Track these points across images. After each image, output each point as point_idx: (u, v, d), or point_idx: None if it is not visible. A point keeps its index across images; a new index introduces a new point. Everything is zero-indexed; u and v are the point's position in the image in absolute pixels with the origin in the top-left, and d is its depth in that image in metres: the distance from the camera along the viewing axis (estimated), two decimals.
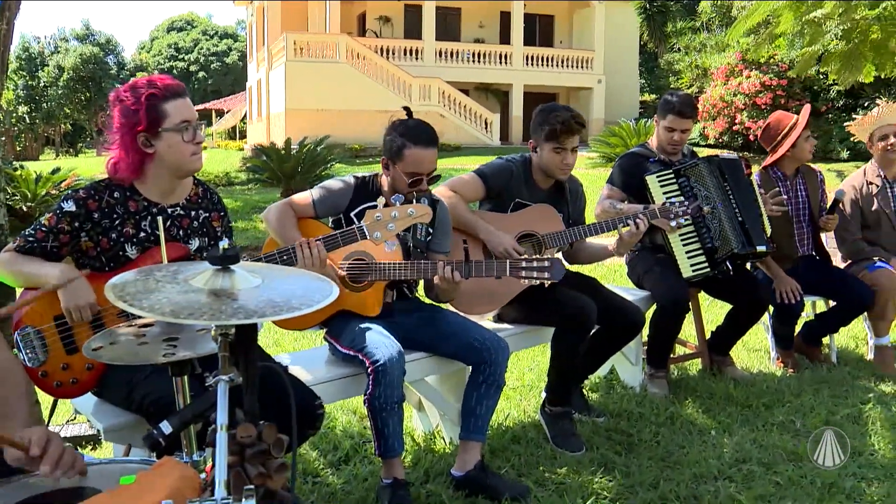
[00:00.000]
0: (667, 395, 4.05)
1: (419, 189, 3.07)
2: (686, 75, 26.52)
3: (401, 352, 2.86)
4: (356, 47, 25.53)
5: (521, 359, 4.75)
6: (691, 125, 4.28)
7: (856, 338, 5.32)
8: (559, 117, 3.52)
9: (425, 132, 3.08)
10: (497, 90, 29.17)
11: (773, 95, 19.54)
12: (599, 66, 29.17)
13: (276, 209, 3.13)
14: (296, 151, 15.68)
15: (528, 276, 2.96)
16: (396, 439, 2.91)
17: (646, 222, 3.52)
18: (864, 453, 3.39)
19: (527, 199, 3.64)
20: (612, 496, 3.01)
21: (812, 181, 4.74)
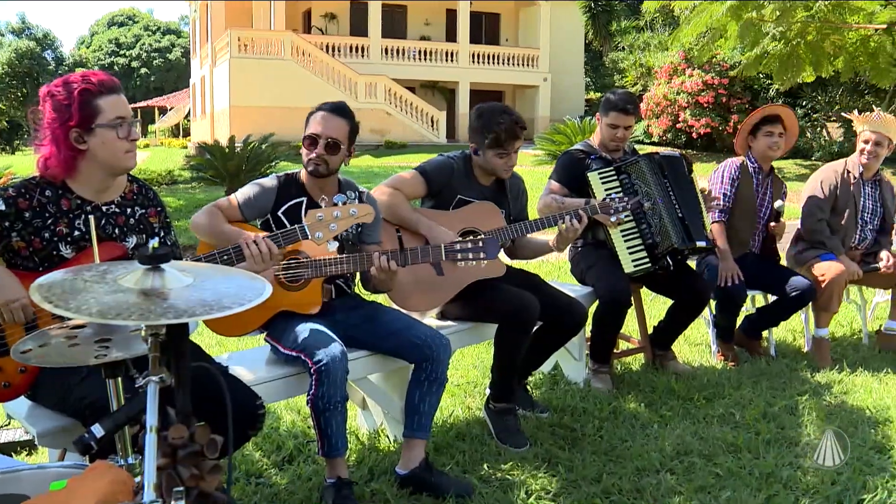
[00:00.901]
0: (610, 390, 4.09)
1: (316, 155, 3.05)
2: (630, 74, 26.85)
3: (343, 351, 2.84)
4: (301, 44, 25.33)
5: (465, 356, 4.75)
6: (633, 122, 4.34)
7: (793, 331, 5.44)
8: (503, 124, 3.52)
9: (330, 102, 3.14)
10: (443, 88, 29.21)
11: (714, 94, 19.88)
12: (545, 64, 29.38)
13: (205, 213, 3.07)
14: (240, 149, 15.48)
15: (465, 258, 2.96)
16: (340, 439, 2.89)
17: (584, 218, 3.55)
18: (801, 443, 3.46)
19: (468, 195, 3.65)
20: (555, 491, 3.03)
21: (777, 189, 4.84)
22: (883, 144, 4.81)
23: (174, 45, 55.01)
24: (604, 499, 2.97)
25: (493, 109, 3.62)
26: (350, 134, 3.12)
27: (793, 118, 4.74)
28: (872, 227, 4.93)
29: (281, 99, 23.87)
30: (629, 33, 29.07)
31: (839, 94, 18.94)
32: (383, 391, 3.45)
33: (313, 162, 3.08)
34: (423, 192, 3.63)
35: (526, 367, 3.82)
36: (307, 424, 3.69)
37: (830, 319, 4.77)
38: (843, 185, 4.86)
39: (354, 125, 3.14)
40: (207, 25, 29.28)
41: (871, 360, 4.79)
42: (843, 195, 4.85)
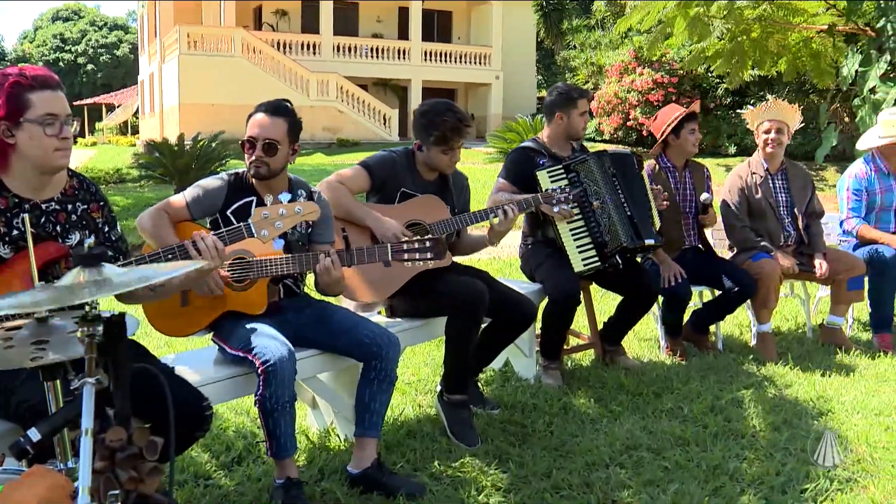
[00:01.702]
0: (560, 386, 4.11)
1: (256, 158, 3.03)
2: (581, 72, 27.05)
3: (291, 350, 2.82)
4: (252, 41, 25.08)
5: (416, 353, 4.75)
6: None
7: (740, 325, 5.53)
8: (448, 122, 3.55)
9: (273, 102, 3.11)
10: (396, 85, 29.16)
11: (664, 92, 20.12)
12: (497, 62, 29.48)
13: (149, 214, 3.03)
14: (190, 147, 15.30)
15: (412, 258, 2.95)
16: (289, 439, 2.87)
17: (513, 212, 3.57)
18: (747, 435, 3.53)
19: (412, 188, 3.66)
20: (506, 487, 3.04)
21: (699, 176, 4.91)
22: (783, 131, 4.90)
23: (122, 41, 54.03)
24: (554, 494, 2.99)
25: (437, 107, 3.63)
26: (290, 132, 3.08)
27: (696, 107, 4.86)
28: (791, 220, 5.00)
29: (231, 96, 23.59)
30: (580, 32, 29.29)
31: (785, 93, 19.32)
32: (333, 390, 3.43)
33: (254, 165, 3.06)
34: (367, 185, 3.63)
35: (476, 363, 3.83)
36: (256, 425, 3.65)
37: (770, 315, 4.86)
38: (751, 188, 4.94)
39: (295, 122, 3.11)
40: (156, 21, 28.86)
41: (815, 353, 4.89)
42: (755, 198, 4.93)
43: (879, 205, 5.16)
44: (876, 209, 5.17)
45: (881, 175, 5.16)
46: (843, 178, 5.30)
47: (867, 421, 3.73)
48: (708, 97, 20.19)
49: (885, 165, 5.16)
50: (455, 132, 3.56)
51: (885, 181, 5.15)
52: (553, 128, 4.38)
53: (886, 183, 5.15)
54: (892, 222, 5.20)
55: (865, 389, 4.19)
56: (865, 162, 5.22)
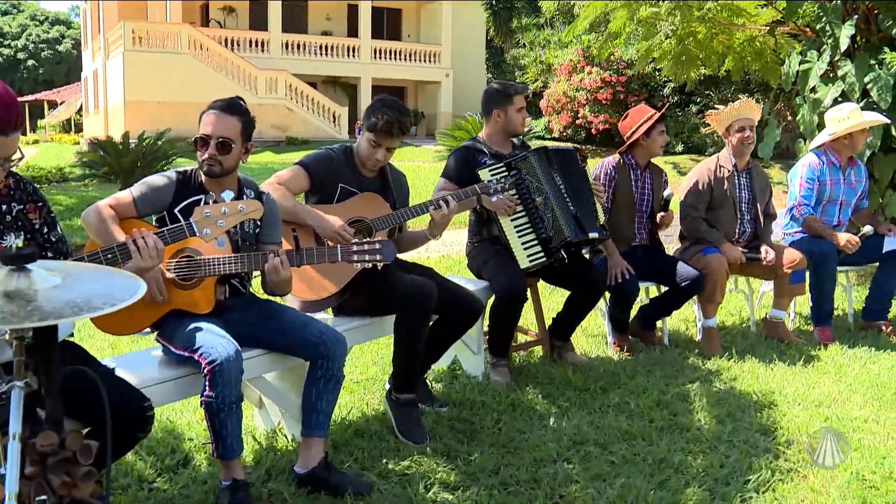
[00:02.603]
0: (508, 383, 4.13)
1: (209, 156, 2.99)
2: (531, 70, 27.20)
3: (237, 350, 2.78)
4: (199, 38, 24.73)
5: (365, 352, 4.73)
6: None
7: (686, 320, 5.61)
8: (385, 116, 3.54)
9: (227, 100, 3.08)
10: (345, 83, 29.01)
11: (612, 91, 20.34)
12: (447, 61, 29.51)
13: (94, 210, 2.98)
14: (135, 145, 15.05)
15: (361, 259, 2.94)
16: (235, 440, 2.83)
17: (454, 201, 3.59)
18: (692, 428, 3.58)
19: (351, 185, 3.64)
20: (454, 484, 3.04)
21: (658, 179, 5.00)
22: (753, 129, 5.04)
23: (64, 36, 52.90)
24: (502, 490, 3.00)
25: (390, 101, 3.64)
26: (243, 131, 3.05)
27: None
28: (751, 218, 5.10)
29: (178, 94, 23.26)
30: (530, 31, 29.45)
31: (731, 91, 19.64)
32: (280, 390, 3.39)
33: (206, 163, 3.02)
34: (307, 184, 3.61)
35: (425, 361, 3.82)
36: (202, 426, 3.59)
37: (716, 309, 4.93)
38: (717, 182, 5.02)
39: (248, 120, 3.08)
40: (99, 17, 28.30)
41: (758, 346, 4.98)
42: (719, 191, 5.01)
43: (827, 197, 5.31)
44: (823, 201, 5.32)
45: (833, 168, 5.32)
46: (797, 166, 5.43)
47: (808, 412, 3.81)
48: (655, 96, 20.46)
49: (836, 159, 5.33)
50: (387, 127, 3.55)
51: (835, 174, 5.31)
52: (492, 125, 4.40)
53: (836, 176, 5.31)
54: (836, 215, 5.35)
55: (806, 381, 4.27)
56: (818, 155, 5.37)
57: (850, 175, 5.38)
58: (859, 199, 5.48)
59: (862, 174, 5.48)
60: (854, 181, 5.40)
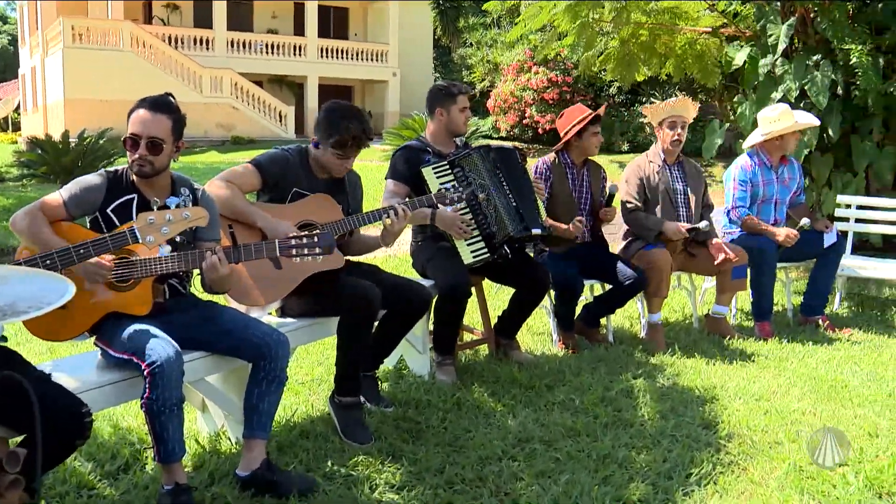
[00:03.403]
0: (454, 382, 4.13)
1: (139, 156, 2.93)
2: (478, 70, 27.29)
3: (178, 352, 2.74)
4: (142, 35, 24.29)
5: (310, 353, 4.69)
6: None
7: (630, 318, 5.67)
8: (351, 130, 3.51)
9: (155, 97, 3.00)
10: (292, 82, 28.79)
11: (559, 91, 20.49)
12: (394, 60, 29.45)
13: (24, 214, 2.89)
14: (75, 144, 14.74)
15: (300, 253, 2.91)
16: (177, 443, 2.78)
17: (408, 210, 3.58)
18: (636, 424, 3.61)
19: (305, 188, 3.60)
20: (399, 484, 3.03)
21: (596, 175, 5.04)
22: (685, 126, 5.12)
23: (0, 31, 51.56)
24: (447, 489, 3.00)
25: (345, 111, 3.58)
26: (174, 129, 2.99)
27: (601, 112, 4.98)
28: (688, 211, 5.14)
29: (120, 91, 22.77)
30: (477, 30, 29.54)
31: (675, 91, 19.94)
32: (222, 392, 3.34)
33: (137, 163, 2.95)
34: (259, 184, 3.56)
35: (374, 357, 3.82)
36: (144, 431, 3.53)
37: (661, 305, 5.00)
38: (648, 177, 5.09)
39: (179, 118, 3.02)
40: (37, 12, 27.62)
41: (701, 342, 5.06)
42: (652, 185, 5.08)
43: (761, 197, 5.42)
44: (758, 201, 5.43)
45: (764, 168, 5.43)
46: (730, 169, 5.54)
47: (748, 406, 3.88)
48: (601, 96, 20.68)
49: (767, 159, 5.44)
50: (355, 142, 3.54)
51: (767, 174, 5.42)
52: (435, 124, 4.41)
53: (768, 176, 5.42)
54: (771, 214, 5.47)
55: (747, 376, 4.36)
56: (749, 156, 5.48)
57: (782, 173, 5.49)
58: (794, 195, 5.60)
59: (795, 171, 5.61)
60: (787, 178, 5.52)
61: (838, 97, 7.34)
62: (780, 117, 5.34)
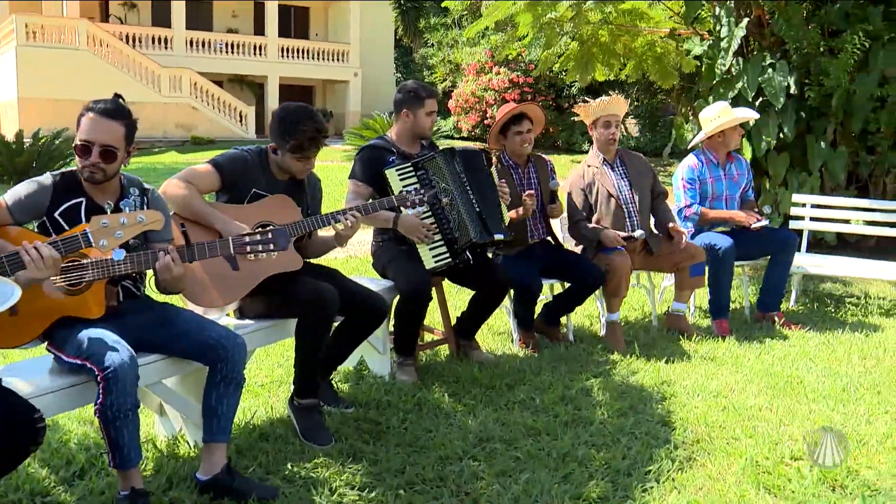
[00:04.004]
0: (415, 382, 4.12)
1: (91, 163, 2.87)
2: (439, 70, 27.35)
3: (132, 356, 2.70)
4: (98, 33, 23.90)
5: (270, 354, 4.65)
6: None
7: (590, 316, 5.71)
8: (306, 132, 3.47)
9: (107, 103, 2.92)
10: (252, 82, 28.54)
11: (520, 91, 20.60)
12: (356, 60, 29.35)
13: None
14: (30, 145, 14.46)
15: (254, 251, 2.88)
16: (133, 448, 2.75)
17: (359, 217, 3.55)
18: (595, 422, 3.64)
19: (264, 189, 3.57)
20: (360, 485, 3.02)
21: (543, 170, 5.03)
22: (618, 125, 5.18)
23: None
24: (408, 489, 3.00)
25: (297, 113, 3.53)
26: (126, 136, 2.93)
27: (536, 110, 4.99)
28: (637, 208, 5.13)
29: (76, 91, 22.32)
30: (438, 30, 29.60)
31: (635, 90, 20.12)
32: (180, 395, 3.30)
33: (89, 170, 2.89)
34: (217, 185, 3.52)
35: (329, 362, 3.79)
36: (100, 435, 3.48)
37: (620, 304, 5.04)
38: (591, 183, 5.11)
39: (131, 123, 2.96)
40: None
41: (660, 340, 5.12)
42: (595, 191, 5.10)
43: (710, 194, 5.50)
44: (708, 198, 5.51)
45: (712, 166, 5.53)
46: (677, 170, 5.62)
47: (706, 403, 3.93)
48: (562, 96, 20.82)
49: (714, 157, 5.55)
50: (312, 143, 3.50)
51: (714, 171, 5.52)
52: (400, 125, 4.40)
53: (716, 173, 5.52)
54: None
55: (705, 373, 4.41)
56: (696, 155, 5.57)
57: (730, 170, 5.58)
58: (744, 191, 5.67)
59: (743, 167, 5.69)
60: (735, 175, 5.60)
61: (793, 97, 7.47)
62: (720, 114, 5.47)
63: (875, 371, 4.52)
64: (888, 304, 6.32)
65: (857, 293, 6.73)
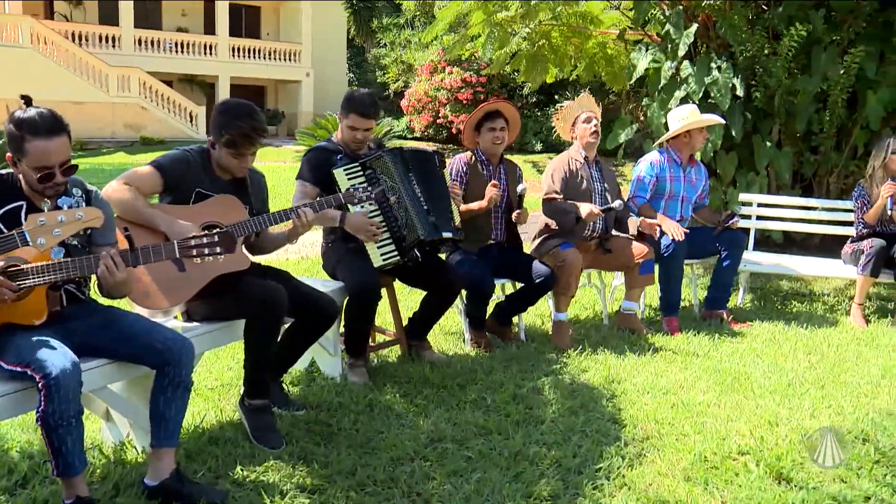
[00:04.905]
0: (366, 383, 4.11)
1: (54, 184, 2.82)
2: (392, 70, 27.29)
3: (75, 361, 2.63)
4: (43, 31, 23.37)
5: (219, 357, 4.60)
6: (373, 125, 4.36)
7: (542, 316, 5.74)
8: (242, 129, 3.43)
9: (46, 121, 2.80)
10: (203, 82, 28.20)
11: (473, 92, 20.64)
12: (307, 59, 29.16)
13: None
14: None
15: (200, 253, 2.83)
16: (77, 456, 2.69)
17: (308, 213, 3.54)
18: (546, 421, 3.66)
19: (207, 188, 3.52)
20: (311, 488, 3.00)
21: (512, 174, 5.08)
22: (598, 120, 5.24)
23: None
24: (359, 491, 2.98)
25: (237, 109, 3.49)
26: (70, 141, 2.88)
27: (511, 110, 5.01)
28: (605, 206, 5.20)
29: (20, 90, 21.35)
30: (390, 31, 29.54)
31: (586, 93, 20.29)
32: (127, 400, 3.24)
33: (52, 189, 2.83)
34: (160, 186, 3.46)
35: (280, 364, 3.76)
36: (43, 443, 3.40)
37: (569, 303, 5.07)
38: (572, 173, 5.18)
39: (69, 129, 2.89)
40: None
41: (611, 338, 5.16)
42: (575, 182, 5.17)
43: (669, 192, 5.58)
44: (665, 196, 5.59)
45: (673, 164, 5.61)
46: (640, 162, 5.71)
47: (656, 400, 3.98)
48: (515, 97, 20.90)
49: (677, 156, 5.65)
50: (245, 140, 3.45)
51: (675, 171, 5.61)
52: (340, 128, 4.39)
53: (677, 172, 5.61)
54: (678, 211, 5.64)
55: (655, 370, 4.46)
56: (660, 153, 5.67)
57: (690, 173, 5.69)
58: (700, 197, 5.79)
59: (702, 174, 5.81)
60: (694, 179, 5.72)
61: (739, 99, 7.60)
62: (689, 115, 5.58)
63: (819, 366, 4.61)
64: (832, 301, 6.46)
65: (803, 290, 6.88)
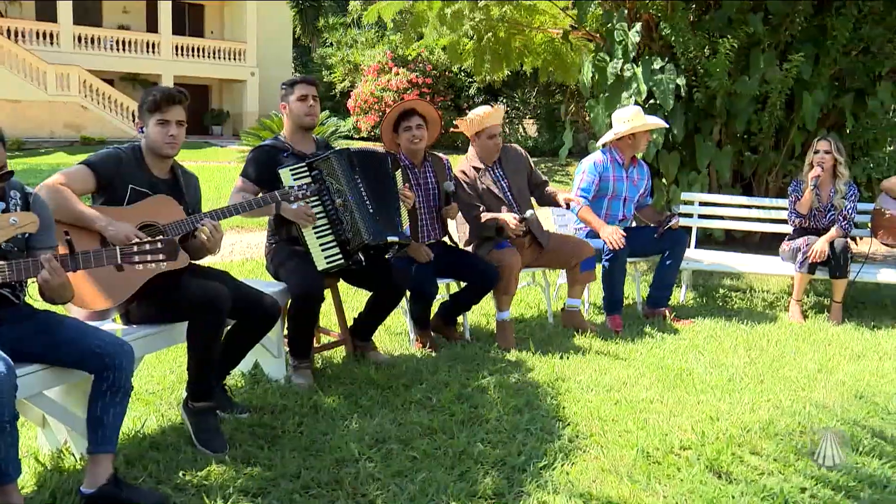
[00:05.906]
0: (311, 385, 4.07)
1: None
2: (339, 70, 27.18)
3: (10, 366, 2.56)
4: None
5: (161, 361, 4.52)
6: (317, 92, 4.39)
7: (487, 315, 5.75)
8: (161, 88, 3.46)
9: None
10: (145, 80, 27.68)
11: (419, 92, 20.66)
12: (252, 59, 28.89)
13: None
14: None
15: (143, 260, 2.79)
16: (11, 463, 2.62)
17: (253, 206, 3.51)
18: (491, 420, 3.67)
19: (141, 185, 3.45)
20: (254, 492, 2.97)
21: (440, 168, 5.05)
22: (501, 134, 5.27)
23: None
24: (303, 494, 2.96)
25: (158, 88, 3.53)
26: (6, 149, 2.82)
27: (427, 107, 4.99)
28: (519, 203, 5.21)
29: None
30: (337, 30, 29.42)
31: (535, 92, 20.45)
32: (64, 406, 3.16)
33: None
34: (93, 184, 3.38)
35: (222, 366, 3.72)
36: None
37: (510, 302, 5.08)
38: (472, 183, 5.18)
39: (4, 139, 2.84)
40: None
41: (555, 337, 5.20)
42: (477, 190, 5.16)
43: (612, 192, 5.65)
44: (608, 196, 5.66)
45: (616, 165, 5.69)
46: (583, 161, 5.77)
47: (599, 397, 4.02)
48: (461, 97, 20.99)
49: (620, 157, 5.72)
50: (166, 97, 3.42)
51: (618, 170, 5.69)
52: (285, 120, 4.38)
53: (619, 173, 5.69)
54: (620, 210, 5.72)
55: (598, 368, 4.51)
56: (603, 152, 5.74)
57: (632, 173, 5.77)
58: (642, 196, 5.88)
59: (644, 173, 5.89)
60: (636, 179, 5.80)
61: (682, 99, 7.72)
62: (633, 118, 5.65)
63: (759, 361, 4.71)
64: (771, 297, 6.60)
65: (744, 287, 7.01)
